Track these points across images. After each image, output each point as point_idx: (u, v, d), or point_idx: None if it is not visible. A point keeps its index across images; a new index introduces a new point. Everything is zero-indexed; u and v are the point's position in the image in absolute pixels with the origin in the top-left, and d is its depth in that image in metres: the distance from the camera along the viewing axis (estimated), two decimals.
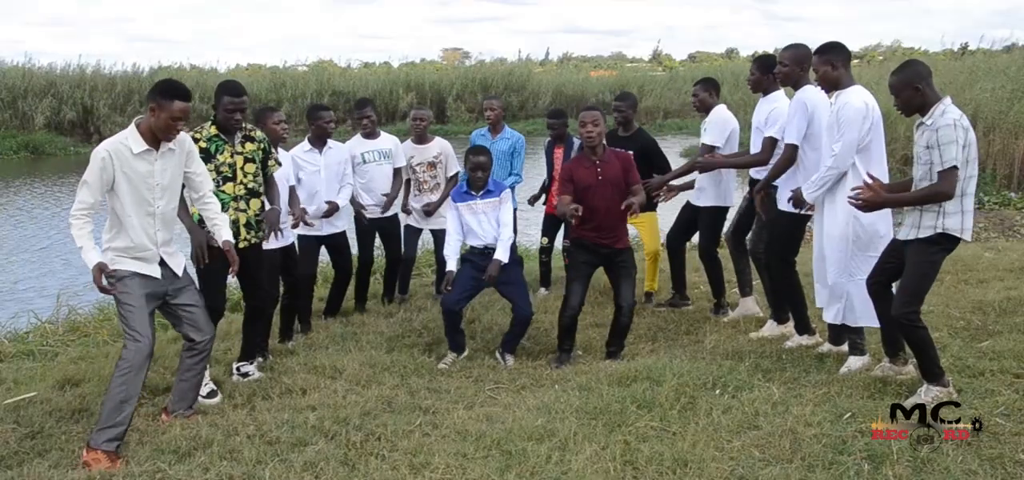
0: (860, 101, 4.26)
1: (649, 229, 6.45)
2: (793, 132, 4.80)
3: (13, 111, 23.02)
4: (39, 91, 23.50)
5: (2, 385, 4.85)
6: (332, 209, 5.73)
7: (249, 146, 4.58)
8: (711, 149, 5.66)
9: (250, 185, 4.56)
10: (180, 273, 3.98)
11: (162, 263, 3.89)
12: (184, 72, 28.17)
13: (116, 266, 3.74)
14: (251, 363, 4.81)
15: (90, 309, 7.05)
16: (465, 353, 5.21)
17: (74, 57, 26.92)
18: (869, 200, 3.88)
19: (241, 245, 4.48)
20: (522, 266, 5.37)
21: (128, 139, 3.73)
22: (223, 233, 4.13)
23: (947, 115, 3.72)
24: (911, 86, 3.80)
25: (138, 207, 3.76)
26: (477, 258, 5.19)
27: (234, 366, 4.81)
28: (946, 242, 3.81)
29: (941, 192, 3.70)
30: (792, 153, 4.82)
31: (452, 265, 5.14)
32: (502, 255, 5.13)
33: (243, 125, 4.56)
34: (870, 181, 4.00)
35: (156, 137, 3.75)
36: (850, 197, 4.00)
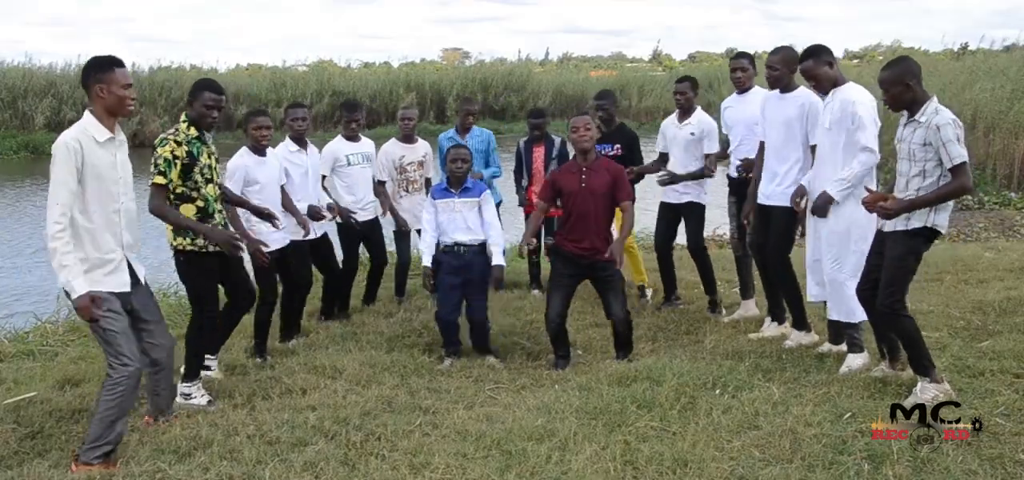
0: (869, 96, 4.35)
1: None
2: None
3: (13, 111, 23.01)
4: (39, 91, 23.49)
5: (2, 385, 4.85)
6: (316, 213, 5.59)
7: (212, 146, 4.41)
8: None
9: (218, 186, 4.45)
10: (142, 280, 3.76)
11: (130, 269, 3.66)
12: (184, 72, 28.14)
13: (91, 288, 3.45)
14: (214, 357, 4.73)
15: None
16: (461, 358, 5.20)
17: (74, 57, 26.75)
18: (890, 208, 3.80)
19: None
20: (488, 270, 5.28)
21: (89, 128, 3.48)
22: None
23: (943, 113, 3.74)
24: (902, 82, 3.82)
25: (103, 205, 3.50)
26: (451, 258, 5.16)
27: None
28: (930, 234, 3.85)
29: (962, 187, 3.73)
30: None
31: (427, 260, 5.17)
32: (500, 259, 5.19)
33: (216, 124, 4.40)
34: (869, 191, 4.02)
35: (112, 122, 3.54)
36: (873, 210, 3.91)
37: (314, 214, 5.54)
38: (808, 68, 4.46)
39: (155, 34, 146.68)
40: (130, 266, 3.69)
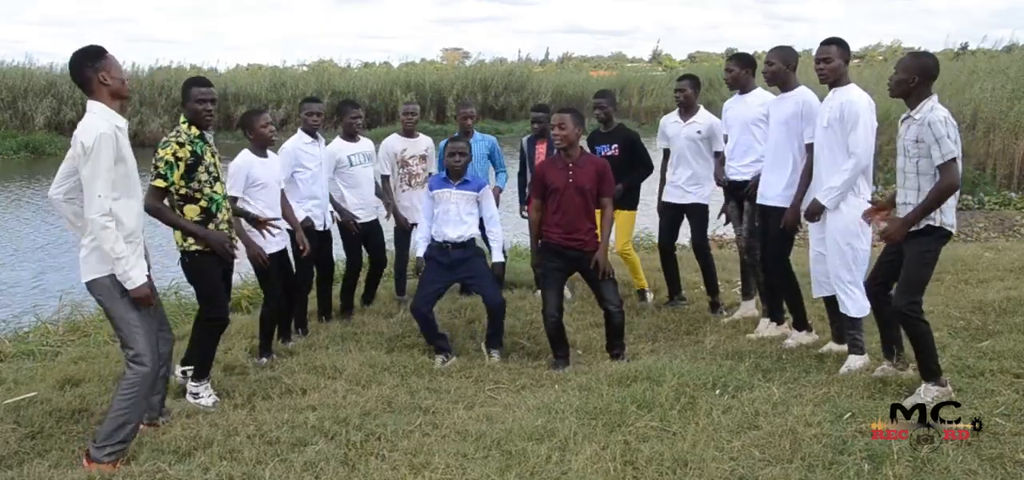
0: (865, 97, 4.37)
1: (621, 227, 6.21)
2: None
3: (13, 111, 23.02)
4: (39, 91, 23.50)
5: (2, 385, 4.85)
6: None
7: (214, 145, 4.35)
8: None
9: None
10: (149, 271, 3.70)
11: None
12: (184, 72, 28.12)
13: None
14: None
15: (91, 309, 7.03)
16: (453, 357, 5.19)
17: None
18: (893, 235, 3.86)
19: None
20: (484, 259, 5.39)
21: (110, 117, 3.45)
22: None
23: (937, 111, 3.76)
24: (911, 73, 3.83)
25: (129, 191, 3.51)
26: (439, 254, 5.22)
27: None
28: (942, 233, 3.85)
29: (950, 185, 3.72)
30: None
31: (421, 251, 5.26)
32: (500, 256, 5.30)
33: (214, 119, 4.36)
34: (868, 207, 4.15)
35: (122, 107, 3.55)
36: (871, 223, 3.99)
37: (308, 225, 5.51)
38: (831, 52, 4.43)
39: (155, 34, 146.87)
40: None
